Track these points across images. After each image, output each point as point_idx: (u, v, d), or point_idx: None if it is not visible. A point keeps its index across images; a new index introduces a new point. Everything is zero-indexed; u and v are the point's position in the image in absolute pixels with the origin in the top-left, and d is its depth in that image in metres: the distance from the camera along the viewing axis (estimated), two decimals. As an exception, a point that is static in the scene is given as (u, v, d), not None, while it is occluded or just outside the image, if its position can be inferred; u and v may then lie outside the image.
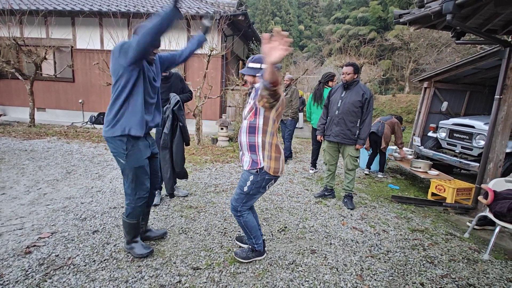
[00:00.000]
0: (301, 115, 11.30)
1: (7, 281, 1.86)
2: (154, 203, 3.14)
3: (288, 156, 5.72)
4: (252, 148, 2.01)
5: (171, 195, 3.40)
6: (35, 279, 1.89)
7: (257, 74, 2.07)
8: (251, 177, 2.03)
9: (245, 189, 2.06)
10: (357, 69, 3.41)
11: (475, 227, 3.16)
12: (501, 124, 3.30)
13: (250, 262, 2.24)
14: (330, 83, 4.75)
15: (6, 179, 3.71)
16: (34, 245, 2.27)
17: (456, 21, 2.92)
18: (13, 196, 3.20)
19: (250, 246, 2.26)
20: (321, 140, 3.90)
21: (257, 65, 2.07)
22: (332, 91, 3.67)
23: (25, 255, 2.14)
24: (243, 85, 7.59)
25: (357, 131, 3.40)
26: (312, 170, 5.06)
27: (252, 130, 1.99)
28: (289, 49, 1.43)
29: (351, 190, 3.55)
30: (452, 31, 3.84)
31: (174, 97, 3.08)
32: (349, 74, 3.40)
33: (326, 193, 3.77)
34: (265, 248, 2.33)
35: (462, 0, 2.74)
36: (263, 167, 1.99)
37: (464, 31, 3.72)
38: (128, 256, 2.21)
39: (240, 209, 2.14)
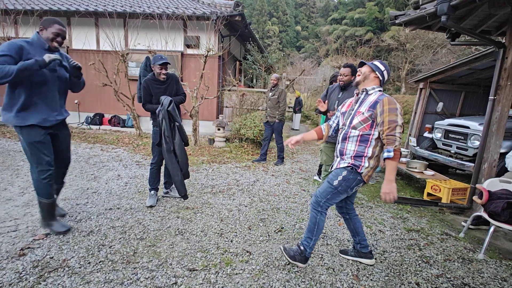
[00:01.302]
0: (298, 116, 11.26)
1: (0, 284, 1.84)
2: (150, 204, 3.15)
3: (281, 158, 5.59)
4: (359, 157, 2.00)
5: (184, 196, 3.26)
6: (29, 281, 1.87)
7: (377, 72, 2.04)
8: (344, 172, 2.02)
9: (335, 183, 2.03)
10: (354, 71, 3.42)
11: (470, 226, 3.18)
12: (495, 125, 3.34)
13: (291, 264, 2.16)
14: (334, 84, 4.66)
15: (0, 180, 3.67)
16: (29, 247, 2.25)
17: (451, 22, 2.94)
18: (8, 198, 3.16)
19: (302, 248, 2.16)
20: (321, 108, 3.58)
21: (382, 68, 2.06)
22: (330, 90, 3.68)
23: (19, 257, 2.11)
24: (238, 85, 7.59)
25: None
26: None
27: (364, 140, 1.99)
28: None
29: None
30: (447, 32, 3.88)
31: (165, 99, 3.05)
32: (346, 75, 3.38)
33: None
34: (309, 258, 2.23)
35: (456, 1, 2.77)
36: (361, 173, 1.99)
37: (459, 32, 3.76)
38: (123, 258, 2.20)
39: (323, 204, 2.09)
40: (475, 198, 2.85)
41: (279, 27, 41.11)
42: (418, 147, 5.55)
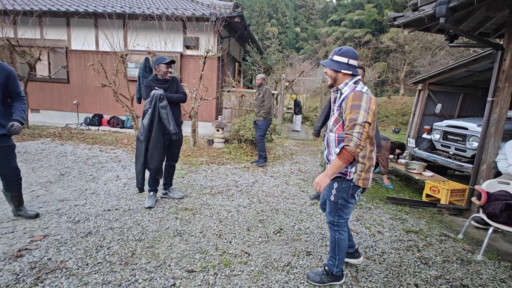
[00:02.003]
0: (299, 117, 11.30)
1: (-3, 285, 1.83)
2: (148, 205, 3.14)
3: (264, 158, 5.42)
4: None
5: (140, 189, 3.18)
6: (26, 283, 1.86)
7: (342, 70, 1.79)
8: (335, 184, 1.88)
9: (332, 198, 1.91)
10: (363, 72, 3.38)
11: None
12: (493, 126, 3.34)
13: (326, 286, 2.04)
14: None
15: (-2, 181, 3.66)
16: (26, 249, 2.24)
17: (449, 24, 2.95)
18: (5, 199, 3.14)
19: (327, 268, 2.04)
20: (314, 140, 3.88)
21: (344, 60, 1.78)
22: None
23: (17, 259, 2.10)
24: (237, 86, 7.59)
25: None
26: None
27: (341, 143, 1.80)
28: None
29: None
30: (446, 34, 3.89)
31: (155, 92, 3.04)
32: (362, 76, 3.30)
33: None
34: (344, 273, 2.10)
35: (455, 3, 2.78)
36: (351, 179, 1.83)
37: (457, 34, 3.77)
38: (121, 259, 2.19)
39: (337, 223, 1.96)
40: (473, 199, 2.85)
41: (278, 29, 41.21)
42: (416, 148, 5.56)
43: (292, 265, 2.26)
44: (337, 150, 1.73)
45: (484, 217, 2.66)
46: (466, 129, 4.60)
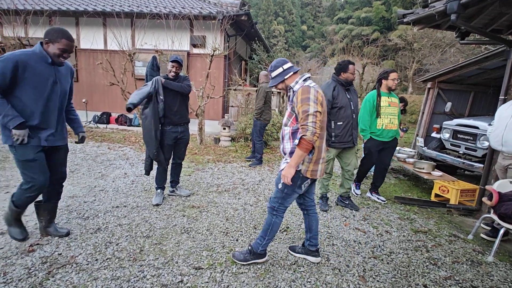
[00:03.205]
0: None
1: (10, 279, 1.87)
2: (156, 203, 3.17)
3: (258, 160, 5.24)
4: (293, 153, 1.95)
5: (146, 172, 3.26)
6: (38, 277, 1.90)
7: (285, 77, 2.02)
8: None
9: (280, 186, 2.04)
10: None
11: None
12: (506, 125, 3.26)
13: (249, 264, 2.19)
14: (383, 82, 3.53)
15: (10, 177, 3.74)
16: (37, 244, 2.28)
17: (460, 21, 2.89)
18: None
19: (250, 248, 2.20)
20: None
21: (280, 70, 2.03)
22: (336, 93, 3.25)
23: (28, 254, 2.15)
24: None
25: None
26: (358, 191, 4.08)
27: (295, 136, 1.97)
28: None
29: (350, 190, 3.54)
30: (457, 31, 3.81)
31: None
32: (354, 73, 3.26)
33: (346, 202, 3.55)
34: (266, 251, 2.25)
35: (466, -1, 2.72)
36: (300, 170, 1.96)
37: (468, 31, 3.69)
38: (130, 255, 2.22)
39: (277, 208, 2.10)
40: (484, 199, 2.79)
41: (285, 27, 40.98)
42: (425, 147, 5.47)
43: (299, 264, 2.26)
44: (297, 141, 1.85)
45: (496, 218, 2.60)
46: (477, 128, 4.50)
